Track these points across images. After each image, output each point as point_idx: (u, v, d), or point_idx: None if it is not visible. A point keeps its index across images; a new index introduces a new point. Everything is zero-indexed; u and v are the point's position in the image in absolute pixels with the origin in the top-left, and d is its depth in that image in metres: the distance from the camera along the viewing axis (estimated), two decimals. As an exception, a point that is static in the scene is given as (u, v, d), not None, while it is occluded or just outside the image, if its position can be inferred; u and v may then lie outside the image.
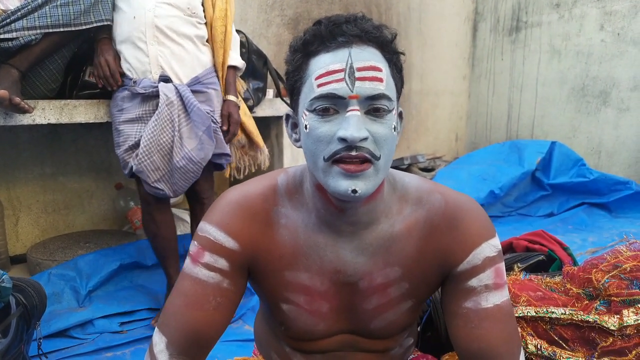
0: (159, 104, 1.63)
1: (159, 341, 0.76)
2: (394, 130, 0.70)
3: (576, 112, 3.77)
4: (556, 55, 3.83)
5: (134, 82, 1.66)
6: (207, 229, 0.78)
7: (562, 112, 3.85)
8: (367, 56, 0.67)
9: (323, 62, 0.68)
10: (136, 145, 1.67)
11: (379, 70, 0.67)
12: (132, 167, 1.67)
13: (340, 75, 0.66)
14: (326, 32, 0.68)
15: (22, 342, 1.24)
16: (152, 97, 1.66)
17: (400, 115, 0.77)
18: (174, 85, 1.67)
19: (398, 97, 0.74)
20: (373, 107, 0.67)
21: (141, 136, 1.65)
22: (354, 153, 0.65)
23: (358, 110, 0.66)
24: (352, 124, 0.65)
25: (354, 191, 0.66)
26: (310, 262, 0.79)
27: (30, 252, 2.09)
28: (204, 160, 1.70)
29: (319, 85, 0.67)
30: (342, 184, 0.67)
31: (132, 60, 1.68)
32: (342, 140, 0.65)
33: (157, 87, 1.64)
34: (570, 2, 3.70)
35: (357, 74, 0.66)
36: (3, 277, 1.15)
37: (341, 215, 0.75)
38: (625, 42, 3.44)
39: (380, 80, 0.67)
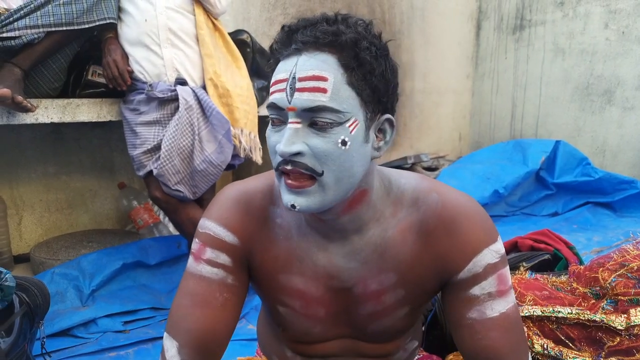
0: (179, 108, 1.63)
1: (170, 346, 0.74)
2: (342, 145, 0.63)
3: (580, 111, 3.74)
4: (560, 53, 3.81)
5: (150, 85, 1.66)
6: (207, 224, 0.77)
7: (566, 111, 3.83)
8: (312, 64, 0.63)
9: (277, 71, 0.67)
10: (155, 148, 1.67)
11: (323, 79, 0.62)
12: (150, 169, 1.67)
13: (283, 85, 0.64)
14: (284, 39, 0.67)
15: (26, 341, 1.24)
16: (169, 100, 1.66)
17: (390, 122, 0.70)
18: (192, 89, 1.67)
19: (377, 105, 0.67)
20: (314, 120, 0.63)
21: (160, 139, 1.65)
22: (288, 167, 0.64)
23: (297, 122, 0.63)
24: (284, 138, 0.63)
25: (293, 206, 0.66)
26: (304, 267, 0.78)
27: (34, 252, 2.09)
28: (224, 163, 1.71)
29: (270, 94, 0.66)
30: (285, 197, 0.67)
31: (144, 63, 1.68)
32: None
33: (175, 90, 1.64)
34: (575, 1, 3.68)
35: (298, 85, 0.63)
36: (6, 276, 1.15)
37: (323, 222, 0.74)
38: (630, 40, 3.42)
39: (323, 90, 0.62)
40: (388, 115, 0.70)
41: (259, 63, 2.09)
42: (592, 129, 3.69)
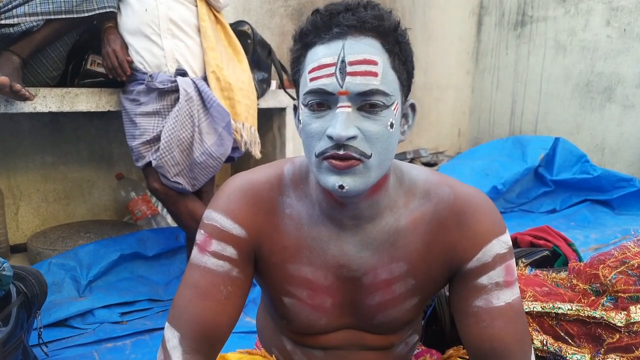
0: (179, 100, 1.61)
1: (171, 336, 0.74)
2: (391, 127, 0.66)
3: (580, 108, 3.74)
4: (561, 50, 3.81)
5: (150, 76, 1.65)
6: (214, 216, 0.76)
7: (566, 108, 3.83)
8: (361, 48, 0.63)
9: (316, 55, 0.65)
10: (154, 139, 1.66)
11: (374, 63, 0.63)
12: (149, 160, 1.66)
13: (331, 69, 0.63)
14: (321, 23, 0.65)
15: (23, 331, 1.24)
16: (169, 91, 1.65)
17: (412, 107, 0.74)
18: (192, 80, 1.65)
19: (407, 90, 0.71)
20: (366, 103, 0.64)
21: (159, 130, 1.64)
22: (341, 152, 0.64)
23: (348, 106, 0.63)
24: (339, 122, 0.63)
25: (341, 187, 0.65)
26: (313, 256, 0.77)
27: (31, 242, 2.08)
28: (223, 155, 1.70)
29: (311, 80, 0.65)
30: (330, 180, 0.65)
31: (144, 54, 1.66)
32: (330, 138, 0.64)
33: (175, 81, 1.63)
34: (577, -3, 3.67)
35: (349, 69, 0.63)
36: (4, 265, 1.14)
37: (342, 208, 0.74)
38: (631, 38, 3.41)
39: (375, 74, 0.63)
40: (412, 101, 0.73)
41: (260, 55, 2.07)
42: (592, 126, 3.69)
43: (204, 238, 0.76)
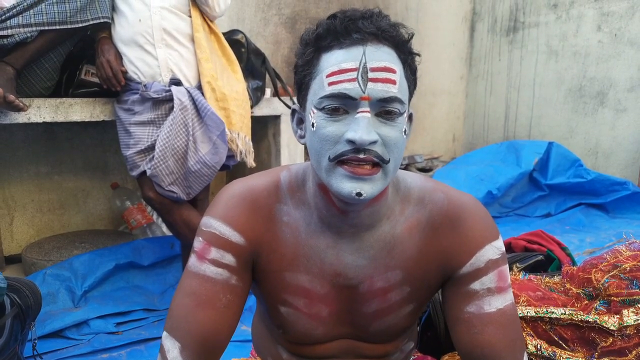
0: (174, 109, 1.62)
1: (171, 347, 0.72)
2: (404, 134, 0.68)
3: (573, 112, 3.77)
4: (553, 55, 3.84)
5: (145, 86, 1.65)
6: (212, 223, 0.75)
7: (559, 113, 3.85)
8: (381, 56, 0.64)
9: (335, 59, 0.65)
10: (149, 148, 1.66)
11: (393, 71, 0.64)
12: (143, 170, 1.66)
13: (353, 74, 0.63)
14: (341, 27, 0.65)
15: (17, 342, 1.23)
16: (164, 100, 1.65)
17: (410, 117, 0.74)
18: (186, 89, 1.66)
19: (409, 99, 0.71)
20: (384, 109, 0.64)
21: (154, 140, 1.65)
22: (362, 155, 0.63)
23: (368, 112, 0.64)
24: (362, 127, 0.62)
25: (359, 194, 0.64)
26: (310, 264, 0.77)
27: (25, 252, 2.07)
28: (218, 164, 1.70)
29: (330, 84, 0.64)
30: (346, 186, 0.65)
31: (139, 64, 1.66)
32: (350, 142, 0.63)
33: (170, 91, 1.64)
34: (568, 3, 3.71)
35: (371, 75, 0.63)
36: (-3, 277, 1.14)
37: (343, 217, 0.74)
38: (622, 42, 3.45)
39: (394, 82, 0.64)
40: (411, 110, 0.74)
41: (254, 63, 2.08)
42: (585, 130, 3.72)
43: (202, 245, 0.75)
